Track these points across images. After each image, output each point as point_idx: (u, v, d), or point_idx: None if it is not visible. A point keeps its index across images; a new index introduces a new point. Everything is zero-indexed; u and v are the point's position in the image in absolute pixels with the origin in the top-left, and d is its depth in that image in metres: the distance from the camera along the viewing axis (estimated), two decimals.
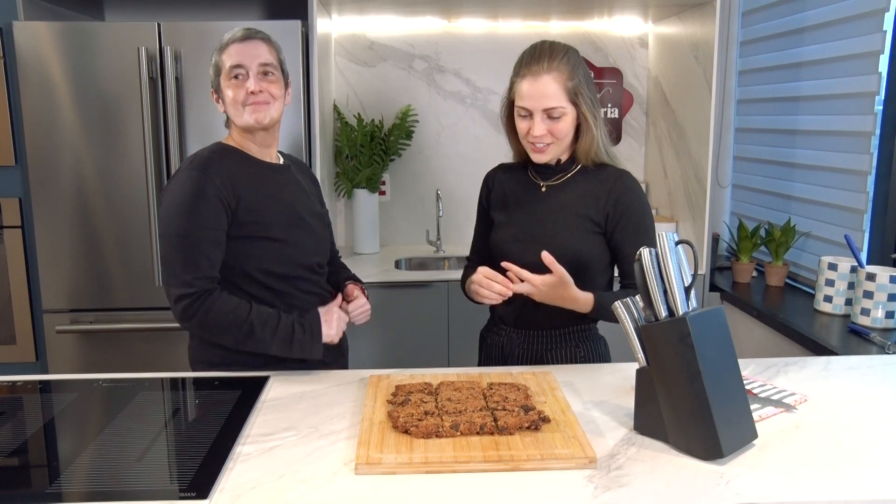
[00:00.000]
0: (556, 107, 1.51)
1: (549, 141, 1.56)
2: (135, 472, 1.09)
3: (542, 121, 1.53)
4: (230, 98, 1.56)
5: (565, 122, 1.54)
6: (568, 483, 1.07)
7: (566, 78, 1.52)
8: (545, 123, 1.53)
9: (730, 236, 2.99)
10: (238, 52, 1.55)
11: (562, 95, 1.51)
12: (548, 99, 1.51)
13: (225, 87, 1.57)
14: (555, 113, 1.52)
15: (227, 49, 1.57)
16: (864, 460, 1.13)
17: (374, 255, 3.14)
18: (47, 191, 2.54)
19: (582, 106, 1.54)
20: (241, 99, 1.55)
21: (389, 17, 3.13)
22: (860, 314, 2.07)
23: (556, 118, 1.53)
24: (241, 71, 1.55)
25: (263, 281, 1.59)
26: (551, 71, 1.51)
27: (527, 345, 1.70)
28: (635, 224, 1.60)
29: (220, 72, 1.58)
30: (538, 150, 1.57)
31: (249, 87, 1.54)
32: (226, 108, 1.60)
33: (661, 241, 1.19)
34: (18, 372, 1.99)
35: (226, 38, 1.58)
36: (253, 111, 1.56)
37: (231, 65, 1.55)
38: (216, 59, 1.59)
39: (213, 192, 1.50)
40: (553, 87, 1.50)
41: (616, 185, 1.61)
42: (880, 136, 2.24)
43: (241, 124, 1.58)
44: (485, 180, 1.80)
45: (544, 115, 1.52)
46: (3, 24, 2.49)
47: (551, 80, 1.50)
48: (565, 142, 1.59)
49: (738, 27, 3.03)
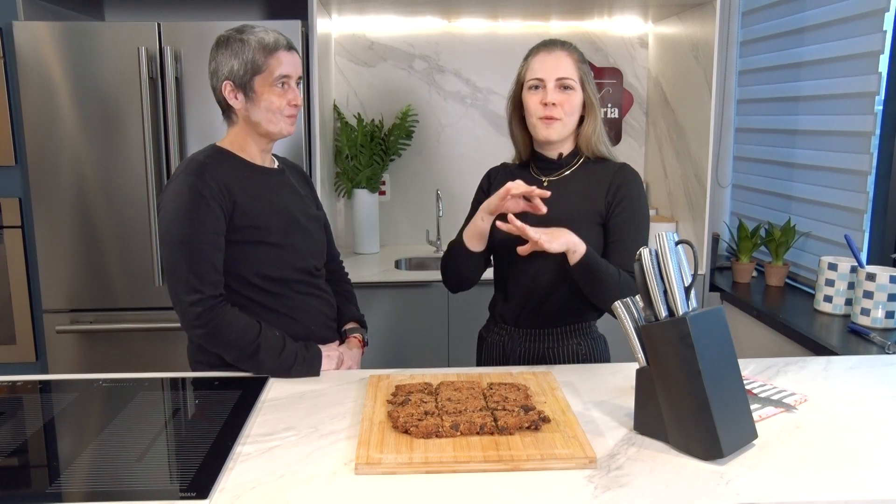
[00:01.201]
0: (569, 78, 1.58)
1: (558, 115, 1.59)
2: (135, 472, 1.09)
3: (555, 90, 1.59)
4: (272, 104, 1.55)
5: (576, 99, 1.60)
6: (568, 483, 1.07)
7: (578, 60, 1.61)
8: (559, 94, 1.58)
9: (730, 236, 2.99)
10: (287, 62, 1.56)
11: (574, 71, 1.59)
12: (562, 69, 1.58)
13: (265, 91, 1.55)
14: (567, 83, 1.58)
15: (275, 54, 1.54)
16: (864, 460, 1.13)
17: (374, 255, 3.14)
18: (47, 191, 2.54)
19: (588, 91, 1.62)
20: (282, 108, 1.56)
21: (389, 17, 3.13)
22: (860, 314, 2.07)
23: (568, 90, 1.59)
24: (289, 81, 1.56)
25: (260, 285, 1.58)
26: (566, 49, 1.61)
27: (528, 343, 1.70)
28: (630, 213, 1.61)
29: (259, 72, 1.54)
30: (547, 123, 1.60)
31: (296, 101, 1.58)
32: (254, 111, 1.56)
33: (661, 240, 1.19)
34: (18, 372, 1.99)
35: (268, 39, 1.55)
36: (290, 123, 1.59)
37: (281, 73, 1.55)
38: (255, 59, 1.53)
39: (211, 197, 1.50)
40: (567, 61, 1.59)
41: (618, 175, 1.64)
42: (880, 136, 2.24)
43: (273, 130, 1.58)
44: (487, 174, 1.81)
45: (557, 85, 1.58)
46: (3, 24, 2.49)
47: (566, 55, 1.60)
48: (571, 123, 1.62)
49: (738, 27, 3.03)
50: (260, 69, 1.54)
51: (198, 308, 1.47)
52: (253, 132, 1.60)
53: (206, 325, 1.48)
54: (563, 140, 1.65)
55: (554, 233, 1.48)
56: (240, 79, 1.55)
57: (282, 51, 1.55)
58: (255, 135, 1.61)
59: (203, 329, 1.49)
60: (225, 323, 1.49)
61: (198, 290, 1.48)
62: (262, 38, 1.55)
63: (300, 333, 1.60)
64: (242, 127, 1.60)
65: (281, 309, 1.61)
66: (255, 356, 1.50)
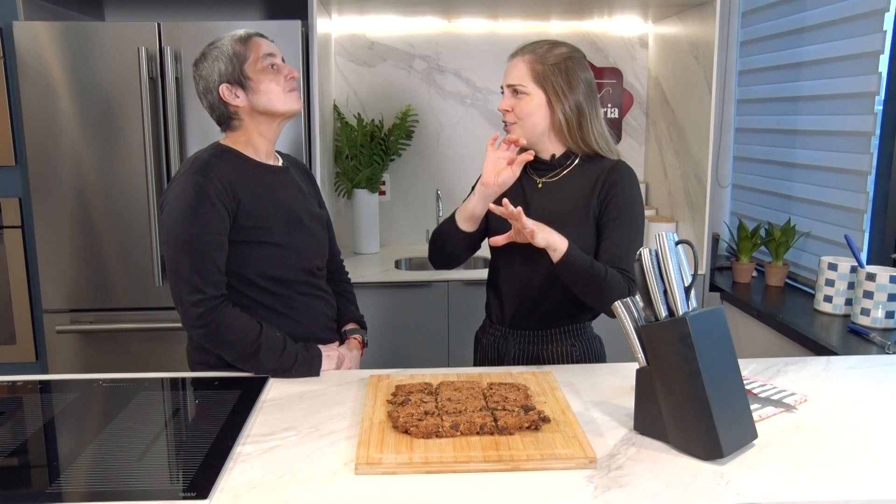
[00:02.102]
0: (517, 84, 1.62)
1: (511, 119, 1.65)
2: (135, 472, 1.09)
3: (508, 96, 1.65)
4: (272, 86, 1.57)
5: (527, 102, 1.62)
6: (568, 483, 1.07)
7: (535, 61, 1.62)
8: (510, 100, 1.64)
9: (730, 236, 2.99)
10: (265, 43, 1.59)
11: (526, 76, 1.62)
12: (512, 77, 1.63)
13: (258, 74, 1.56)
14: (517, 88, 1.63)
15: (251, 41, 1.57)
16: (864, 460, 1.13)
17: (374, 255, 3.14)
18: (47, 191, 2.54)
19: (549, 89, 1.61)
20: (282, 84, 1.58)
21: (389, 17, 3.13)
22: (860, 314, 2.07)
23: (519, 94, 1.63)
24: (276, 60, 1.58)
25: (262, 285, 1.58)
26: (524, 55, 1.63)
27: (523, 345, 1.70)
28: (619, 210, 1.61)
29: (245, 60, 1.56)
30: (507, 128, 1.67)
31: (292, 73, 1.60)
32: (258, 97, 1.57)
33: (661, 240, 1.19)
34: (18, 372, 1.99)
35: (239, 33, 1.59)
36: (296, 98, 1.61)
37: (265, 52, 1.57)
38: (235, 50, 1.56)
39: (216, 196, 1.50)
40: (520, 67, 1.62)
41: (611, 172, 1.64)
42: (880, 136, 2.24)
43: (282, 109, 1.59)
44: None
45: (510, 92, 1.64)
46: (3, 24, 2.49)
47: (520, 62, 1.63)
48: (531, 125, 1.63)
49: (738, 27, 3.03)
50: (245, 57, 1.56)
51: (199, 308, 1.47)
52: (261, 126, 1.60)
53: (208, 324, 1.48)
54: (535, 141, 1.64)
55: (542, 227, 1.50)
56: (231, 75, 1.56)
57: (255, 37, 1.59)
58: (263, 127, 1.60)
59: (204, 329, 1.48)
60: (226, 323, 1.48)
61: (200, 289, 1.47)
62: (232, 35, 1.59)
63: (301, 334, 1.60)
64: (248, 125, 1.60)
65: (282, 309, 1.61)
66: (256, 356, 1.50)
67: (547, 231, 1.49)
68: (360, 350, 1.75)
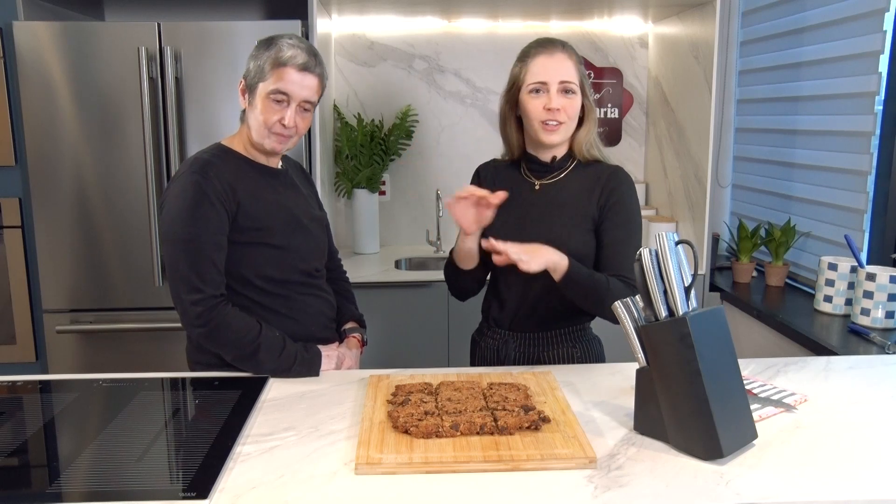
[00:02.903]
0: (572, 82, 1.56)
1: (562, 119, 1.57)
2: (135, 472, 1.09)
3: (558, 95, 1.56)
4: (261, 117, 1.53)
5: (577, 102, 1.58)
6: (568, 483, 1.07)
7: (577, 62, 1.59)
8: (561, 98, 1.56)
9: (730, 236, 2.99)
10: (290, 80, 1.51)
11: (575, 74, 1.57)
12: (565, 72, 1.55)
13: (260, 102, 1.53)
14: (570, 87, 1.56)
15: (282, 69, 1.51)
16: (864, 460, 1.13)
17: (374, 255, 3.14)
18: (47, 191, 2.54)
19: (588, 94, 1.60)
20: (270, 125, 1.54)
21: (389, 17, 3.13)
22: (860, 314, 2.07)
23: (570, 94, 1.56)
24: (285, 98, 1.53)
25: (262, 286, 1.59)
26: (566, 51, 1.58)
27: (522, 347, 1.69)
28: (623, 218, 1.60)
29: (262, 80, 1.52)
30: (550, 128, 1.58)
31: (285, 121, 1.53)
32: (250, 115, 1.57)
33: (661, 240, 1.19)
34: (18, 372, 1.99)
35: (287, 51, 1.51)
36: (277, 141, 1.56)
37: (277, 88, 1.51)
38: (265, 66, 1.52)
39: (215, 196, 1.50)
40: (569, 64, 1.57)
41: (611, 178, 1.62)
42: (880, 136, 2.24)
43: (257, 141, 1.57)
44: (477, 171, 1.80)
45: (560, 89, 1.56)
46: (3, 24, 2.49)
47: (566, 57, 1.57)
48: (573, 127, 1.61)
49: (738, 27, 3.03)
50: (264, 77, 1.53)
51: (199, 307, 1.47)
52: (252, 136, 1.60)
53: (207, 324, 1.48)
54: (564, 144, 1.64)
55: (534, 251, 1.45)
56: (249, 80, 1.56)
57: (290, 68, 1.51)
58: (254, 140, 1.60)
59: (203, 328, 1.48)
60: (225, 323, 1.49)
61: (199, 289, 1.48)
62: (280, 48, 1.52)
63: (301, 334, 1.60)
64: (246, 130, 1.61)
65: (282, 310, 1.61)
66: (255, 356, 1.50)
67: (544, 252, 1.46)
68: (359, 349, 1.76)
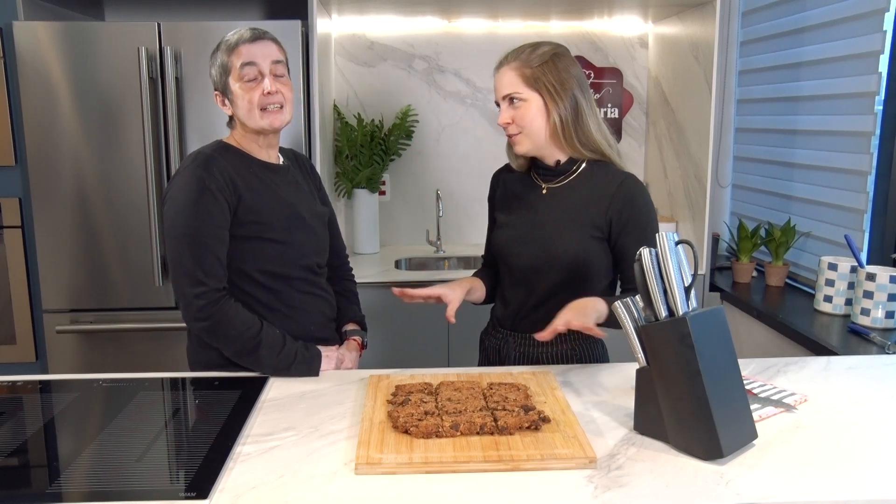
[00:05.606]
0: (512, 93, 1.59)
1: (515, 131, 1.60)
2: (135, 472, 1.09)
3: (505, 109, 1.60)
4: (245, 100, 1.53)
5: (526, 109, 1.58)
6: (568, 483, 1.07)
7: (522, 66, 1.59)
8: (508, 111, 1.60)
9: (730, 236, 2.99)
10: (249, 52, 1.53)
11: (518, 83, 1.58)
12: (504, 87, 1.60)
13: (237, 88, 1.54)
14: (513, 96, 1.59)
15: (236, 49, 1.53)
16: (864, 460, 1.13)
17: (374, 255, 3.14)
18: (47, 191, 2.54)
19: (543, 91, 1.58)
20: (256, 101, 1.53)
21: (389, 17, 3.13)
22: (860, 314, 2.07)
23: (515, 105, 1.59)
24: (254, 70, 1.52)
25: (261, 281, 1.59)
26: (509, 62, 1.60)
27: (524, 347, 1.69)
28: (642, 229, 1.58)
29: (230, 72, 1.54)
30: (511, 140, 1.63)
31: (266, 88, 1.53)
32: (236, 110, 1.57)
33: (661, 240, 1.19)
34: (18, 372, 1.99)
35: (231, 38, 1.54)
36: (269, 115, 1.55)
37: (243, 62, 1.52)
38: (223, 60, 1.55)
39: (218, 190, 1.50)
40: (509, 76, 1.59)
41: (620, 189, 1.59)
42: (880, 136, 2.24)
43: (255, 127, 1.56)
44: (492, 179, 1.81)
45: (506, 104, 1.60)
46: (3, 24, 2.49)
47: (508, 70, 1.60)
48: (535, 131, 1.59)
49: (738, 27, 3.03)
50: (228, 69, 1.54)
51: (201, 301, 1.48)
52: (249, 134, 1.60)
53: (209, 318, 1.48)
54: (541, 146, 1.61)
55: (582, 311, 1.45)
56: (218, 84, 1.57)
57: (243, 44, 1.53)
58: (251, 136, 1.61)
59: (205, 322, 1.49)
60: (228, 317, 1.49)
61: (202, 282, 1.48)
62: (226, 40, 1.55)
63: (299, 333, 1.60)
64: (238, 127, 1.61)
65: (280, 307, 1.61)
66: (256, 352, 1.50)
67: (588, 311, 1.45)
68: (358, 351, 1.75)
